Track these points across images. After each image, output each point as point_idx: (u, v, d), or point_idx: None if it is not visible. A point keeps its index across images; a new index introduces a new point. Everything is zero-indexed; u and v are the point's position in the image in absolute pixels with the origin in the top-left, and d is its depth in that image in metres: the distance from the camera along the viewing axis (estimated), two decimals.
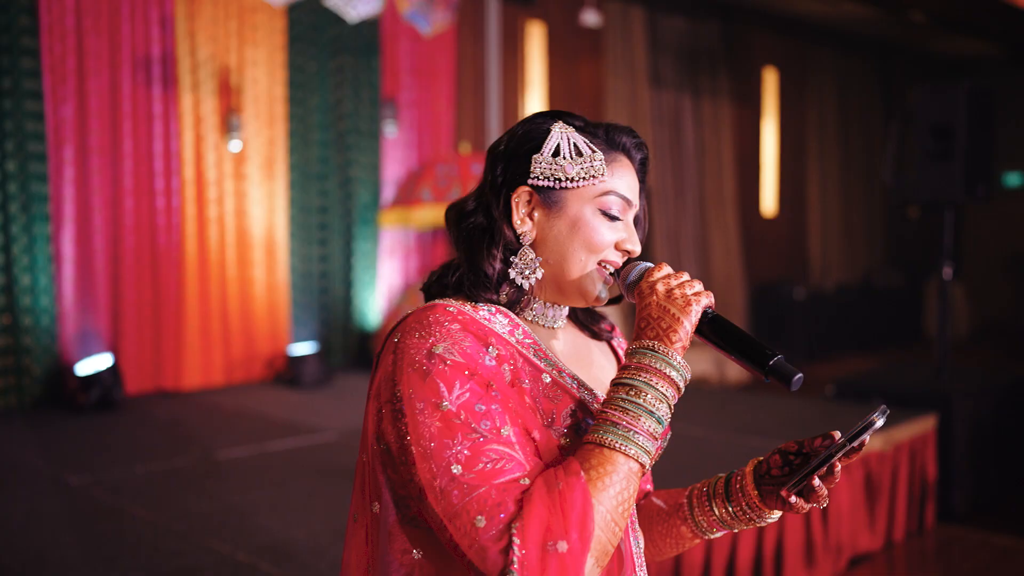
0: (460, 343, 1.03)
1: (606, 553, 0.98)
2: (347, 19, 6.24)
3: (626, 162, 1.16)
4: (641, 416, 1.00)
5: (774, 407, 5.46)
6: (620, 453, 0.98)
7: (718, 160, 9.82)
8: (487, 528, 0.93)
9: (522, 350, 1.09)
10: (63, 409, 5.17)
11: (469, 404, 0.99)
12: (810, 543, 4.08)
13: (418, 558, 1.06)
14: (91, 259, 5.45)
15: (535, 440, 1.03)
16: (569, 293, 1.14)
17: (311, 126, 6.38)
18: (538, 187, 1.12)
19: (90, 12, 5.34)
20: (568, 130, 1.14)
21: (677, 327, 1.04)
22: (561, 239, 1.12)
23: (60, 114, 5.28)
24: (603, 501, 0.96)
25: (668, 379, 1.02)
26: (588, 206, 1.12)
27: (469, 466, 0.96)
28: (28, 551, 2.95)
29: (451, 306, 1.08)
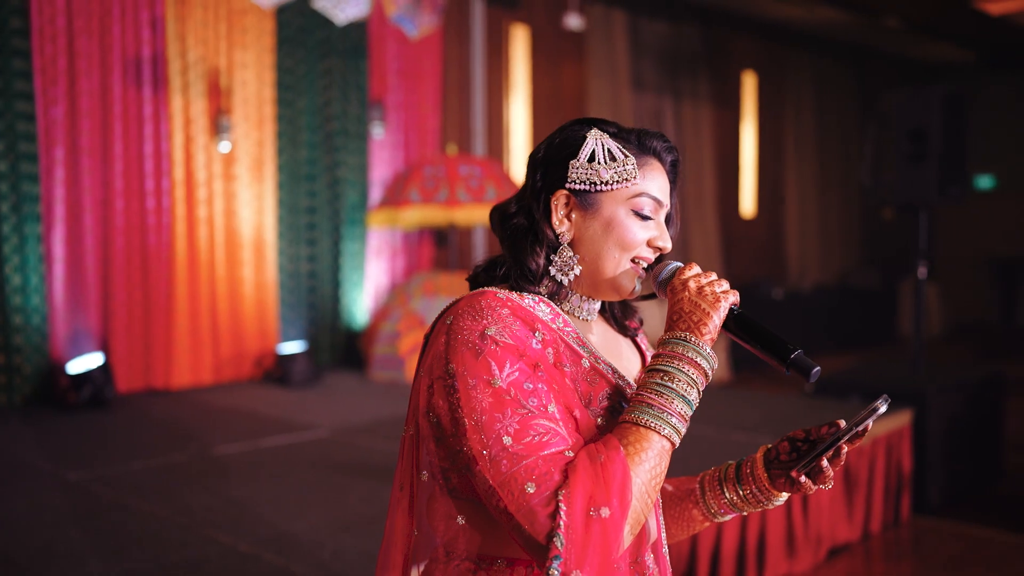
0: (510, 326, 1.12)
1: (639, 522, 1.07)
2: (335, 22, 6.32)
3: (657, 165, 1.25)
4: (674, 399, 1.10)
5: (755, 403, 5.60)
6: (654, 432, 1.09)
7: (698, 162, 9.97)
8: (536, 494, 1.02)
9: (564, 336, 1.18)
10: (54, 407, 5.22)
11: (518, 382, 1.08)
12: (791, 534, 4.21)
13: (462, 524, 1.15)
14: (82, 259, 5.50)
15: (576, 418, 1.12)
16: (604, 288, 1.23)
17: (300, 127, 6.44)
18: (575, 190, 1.22)
19: (81, 14, 5.39)
20: (602, 136, 1.22)
21: (707, 320, 1.14)
22: (597, 238, 1.21)
23: (51, 115, 5.32)
24: (639, 474, 1.06)
25: (698, 367, 1.12)
26: (622, 207, 1.21)
27: (518, 438, 1.05)
28: (34, 544, 3.01)
29: (501, 293, 1.16)
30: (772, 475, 1.25)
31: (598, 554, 1.01)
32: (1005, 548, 4.56)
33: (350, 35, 6.62)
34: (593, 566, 1.01)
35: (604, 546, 1.01)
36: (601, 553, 1.01)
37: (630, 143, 1.25)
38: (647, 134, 1.26)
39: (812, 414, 4.92)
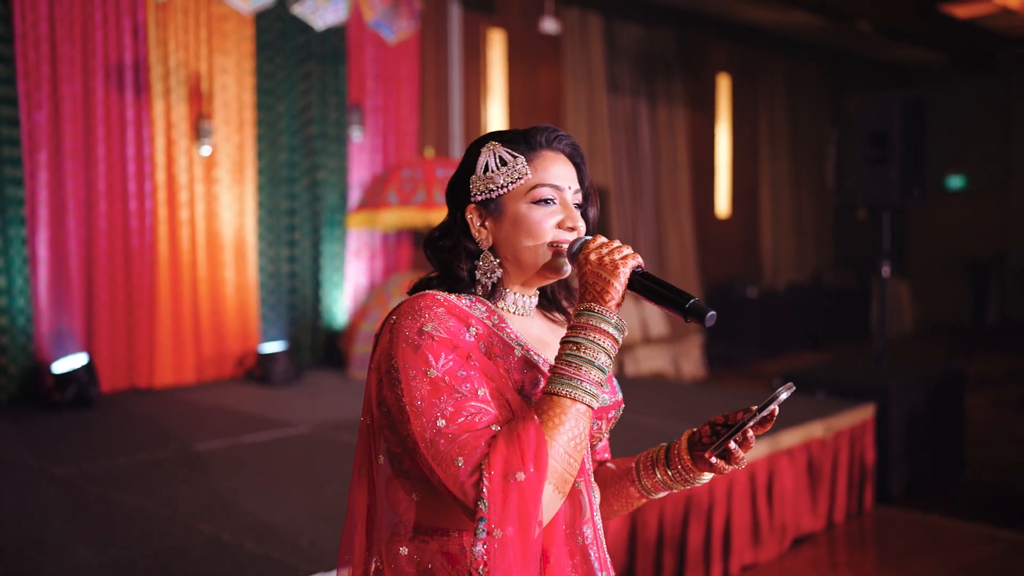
0: (445, 323, 1.25)
1: (565, 481, 1.20)
2: (314, 27, 6.44)
3: (550, 155, 1.36)
4: (583, 366, 1.22)
5: (723, 399, 5.76)
6: (567, 399, 1.21)
7: (673, 163, 10.14)
8: (464, 466, 1.17)
9: (497, 331, 1.32)
10: (40, 406, 5.32)
11: (452, 371, 1.22)
12: (756, 524, 4.37)
13: (416, 500, 1.31)
14: (66, 261, 5.59)
15: (509, 402, 1.26)
16: (532, 277, 1.37)
17: (279, 131, 6.56)
18: (480, 201, 1.35)
19: (64, 20, 5.49)
20: (494, 147, 1.35)
21: (609, 288, 1.25)
22: (511, 237, 1.34)
23: (34, 119, 5.42)
24: (556, 438, 1.19)
25: (605, 333, 1.25)
26: (523, 203, 1.33)
27: (452, 419, 1.19)
28: (23, 536, 3.13)
29: (438, 294, 1.30)
30: (695, 457, 1.39)
31: (517, 513, 1.15)
32: (961, 536, 4.74)
33: (328, 40, 6.74)
34: (514, 524, 1.15)
35: (522, 506, 1.15)
36: (520, 512, 1.15)
37: (518, 144, 1.36)
38: (534, 130, 1.38)
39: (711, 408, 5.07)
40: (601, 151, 9.26)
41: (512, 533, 1.16)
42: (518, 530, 1.16)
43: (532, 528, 1.16)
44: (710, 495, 4.06)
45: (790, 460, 4.55)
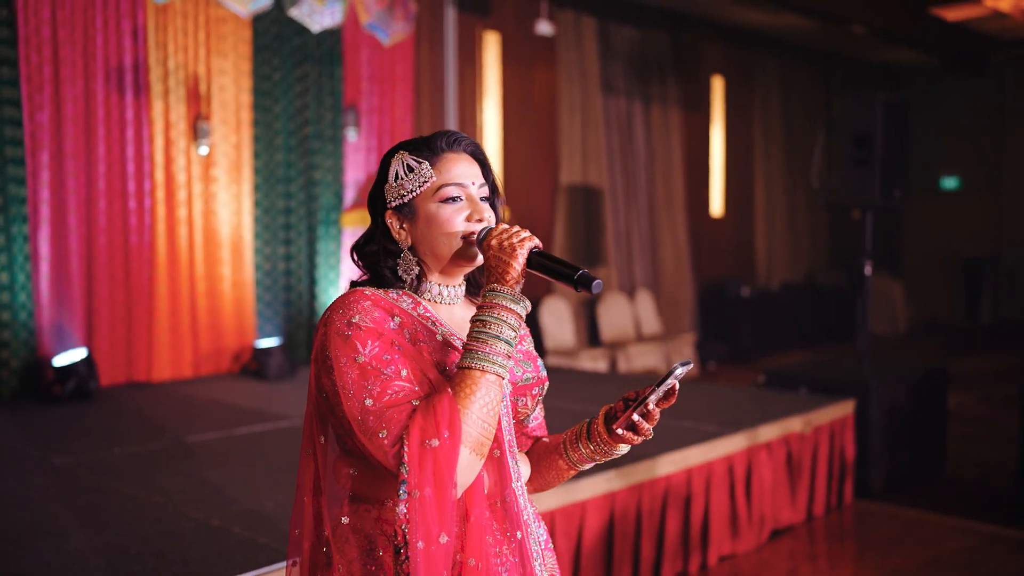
0: (371, 314, 1.40)
1: (481, 444, 1.33)
2: (310, 29, 6.57)
3: (452, 156, 1.49)
4: (490, 341, 1.35)
5: (710, 395, 5.87)
6: (478, 370, 1.34)
7: (667, 164, 10.26)
8: (387, 437, 1.32)
9: (420, 320, 1.46)
10: (40, 400, 5.46)
11: (378, 356, 1.36)
12: (735, 515, 4.49)
13: (355, 474, 1.46)
14: (66, 258, 5.73)
15: (431, 380, 1.40)
16: (452, 267, 1.51)
17: (276, 132, 6.69)
18: (396, 207, 1.49)
19: (65, 24, 5.62)
20: (403, 155, 1.49)
21: (509, 269, 1.38)
22: (426, 235, 1.48)
23: (37, 120, 5.56)
24: (469, 407, 1.32)
25: (508, 310, 1.38)
26: (432, 203, 1.47)
27: (378, 399, 1.34)
28: (21, 520, 3.26)
29: (367, 290, 1.45)
30: (611, 430, 1.53)
31: (433, 475, 1.29)
32: (939, 529, 4.86)
33: (325, 42, 6.87)
34: (431, 484, 1.29)
35: (437, 468, 1.29)
36: (435, 474, 1.29)
37: (422, 151, 1.50)
38: (436, 136, 1.52)
39: (758, 404, 5.20)
40: (595, 152, 9.38)
41: (430, 493, 1.30)
42: (435, 490, 1.30)
43: (448, 489, 1.30)
44: (688, 486, 4.19)
45: (769, 454, 4.68)
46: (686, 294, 10.44)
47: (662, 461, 4.05)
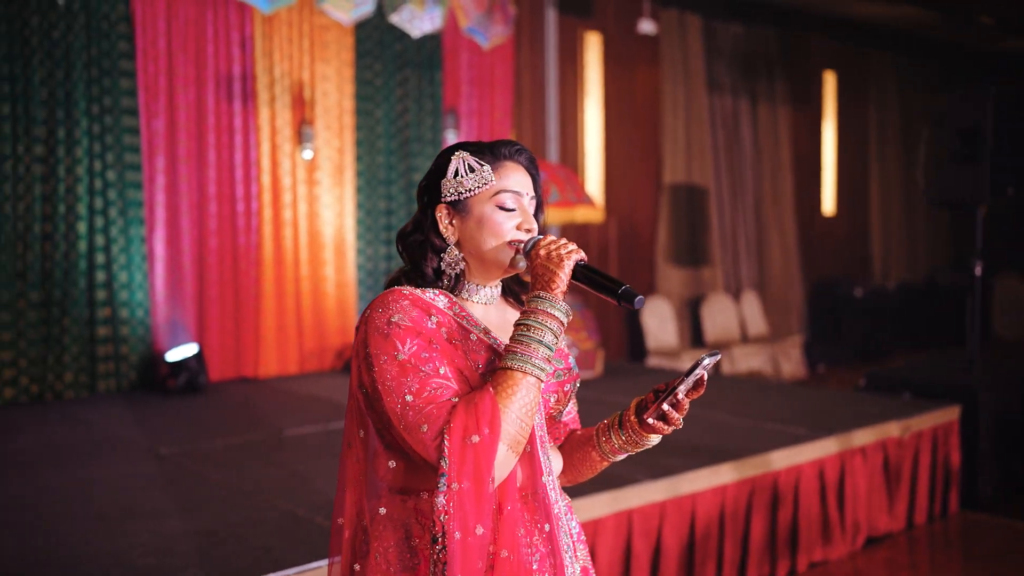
0: (409, 313, 1.45)
1: (518, 442, 1.38)
2: (411, 35, 6.73)
3: (511, 164, 1.54)
4: (532, 344, 1.40)
5: (805, 398, 5.74)
6: (519, 372, 1.39)
7: (775, 162, 10.04)
8: (428, 432, 1.37)
9: (456, 319, 1.50)
10: (155, 392, 5.78)
11: (417, 354, 1.41)
12: (826, 521, 4.38)
13: (394, 467, 1.50)
14: (179, 258, 6.05)
15: (466, 378, 1.45)
16: (492, 269, 1.55)
17: (377, 135, 6.88)
18: (450, 202, 1.53)
19: (179, 36, 5.94)
20: (463, 154, 1.53)
21: (555, 278, 1.43)
22: (474, 235, 1.52)
23: (153, 128, 5.89)
24: (509, 406, 1.37)
25: (552, 316, 1.43)
26: (487, 205, 1.51)
27: (418, 394, 1.39)
28: (125, 504, 3.48)
29: (405, 289, 1.50)
30: (641, 420, 1.54)
31: (473, 469, 1.34)
32: None
33: (425, 47, 7.02)
34: (470, 478, 1.34)
35: (477, 463, 1.34)
36: (475, 468, 1.34)
37: (485, 154, 1.54)
38: (498, 143, 1.56)
39: (856, 407, 5.05)
40: (699, 151, 9.27)
41: (468, 487, 1.34)
42: (473, 484, 1.35)
43: (486, 482, 1.35)
44: (773, 489, 4.11)
45: (864, 459, 4.54)
46: (794, 295, 10.19)
47: (746, 464, 3.99)
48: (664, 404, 1.49)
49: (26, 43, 5.40)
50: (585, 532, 3.41)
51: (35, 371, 5.53)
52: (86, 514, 3.37)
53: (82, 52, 5.57)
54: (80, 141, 5.57)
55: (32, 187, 5.46)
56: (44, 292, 5.55)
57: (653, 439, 1.56)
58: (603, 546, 3.51)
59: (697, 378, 1.47)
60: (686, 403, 1.50)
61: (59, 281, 5.57)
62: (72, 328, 5.62)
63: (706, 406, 5.23)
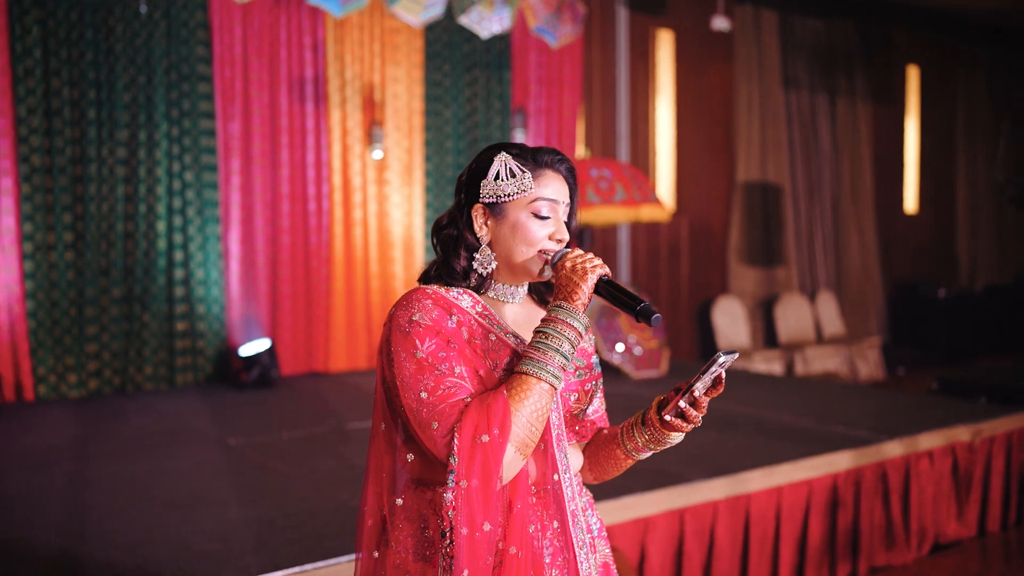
0: (431, 313, 1.49)
1: (526, 445, 1.41)
2: (480, 36, 6.80)
3: (551, 173, 1.56)
4: (549, 352, 1.43)
5: (874, 400, 5.62)
6: (534, 378, 1.43)
7: (855, 159, 9.82)
8: (439, 429, 1.41)
9: (477, 318, 1.53)
10: (229, 385, 5.98)
11: (434, 352, 1.45)
12: (889, 525, 4.29)
13: (411, 460, 1.56)
14: (253, 256, 6.24)
15: (482, 377, 1.49)
16: (520, 274, 1.58)
17: (446, 135, 6.98)
18: (487, 203, 1.55)
19: (254, 41, 6.13)
20: (506, 158, 1.55)
21: (577, 290, 1.47)
22: (507, 238, 1.55)
23: (228, 130, 6.09)
24: (519, 409, 1.40)
25: (570, 326, 1.46)
26: (523, 212, 1.54)
27: (432, 392, 1.43)
28: (193, 491, 3.63)
29: (429, 288, 1.54)
30: (662, 419, 1.56)
31: (481, 468, 1.38)
32: None
33: (493, 48, 7.09)
34: (478, 476, 1.38)
35: (485, 462, 1.38)
36: (483, 467, 1.38)
37: (527, 160, 1.56)
38: (541, 151, 1.58)
39: (927, 411, 4.94)
40: (774, 148, 9.13)
41: (476, 484, 1.38)
42: (481, 482, 1.38)
43: (493, 482, 1.39)
44: (832, 492, 4.05)
45: (931, 463, 4.43)
46: (874, 295, 9.95)
47: (802, 465, 3.94)
48: (682, 402, 1.51)
49: (110, 51, 5.64)
50: (635, 529, 3.44)
51: (117, 363, 5.79)
52: (157, 500, 3.53)
53: (162, 58, 5.80)
54: (160, 143, 5.81)
55: (115, 188, 5.71)
56: (126, 288, 5.80)
57: (675, 437, 1.58)
58: (654, 544, 3.52)
59: (715, 376, 1.48)
60: (704, 401, 1.51)
61: (140, 278, 5.81)
62: (152, 323, 5.86)
63: (768, 406, 5.18)
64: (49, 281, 5.56)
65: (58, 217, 5.54)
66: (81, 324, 5.66)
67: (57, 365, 5.61)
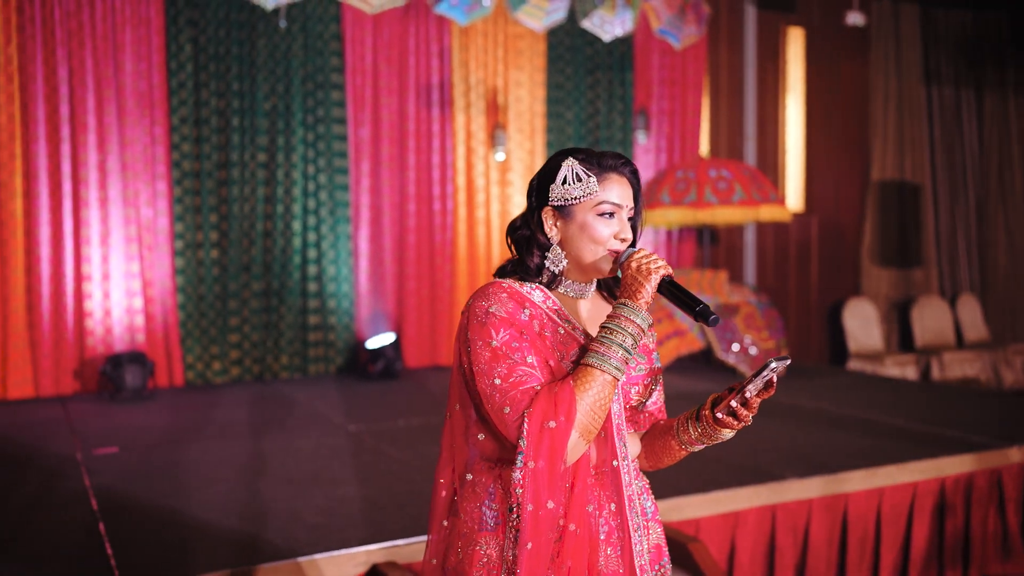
0: (505, 305, 1.59)
1: (589, 431, 1.51)
2: (602, 39, 6.92)
3: (615, 176, 1.64)
4: (612, 346, 1.53)
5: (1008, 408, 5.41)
6: (597, 369, 1.52)
7: (1004, 156, 9.35)
8: (511, 414, 1.52)
9: (548, 312, 1.63)
10: (357, 376, 6.33)
11: (508, 342, 1.55)
12: (1005, 534, 4.17)
13: (483, 439, 1.68)
14: (381, 254, 6.58)
15: (552, 367, 1.60)
16: (589, 271, 1.69)
17: (567, 137, 7.13)
18: (556, 206, 1.65)
19: (384, 50, 6.46)
20: (573, 163, 1.64)
21: (641, 289, 1.56)
22: (576, 238, 1.64)
23: (359, 135, 6.45)
24: (583, 398, 1.50)
25: (633, 323, 1.55)
26: (590, 213, 1.62)
27: (505, 379, 1.53)
28: (310, 471, 3.93)
29: (504, 282, 1.64)
30: (715, 415, 1.64)
31: (548, 451, 1.49)
32: None
33: (616, 50, 7.19)
34: (545, 458, 1.49)
35: (551, 446, 1.49)
36: (549, 450, 1.49)
37: (592, 164, 1.64)
38: (606, 155, 1.66)
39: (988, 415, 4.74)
40: (913, 145, 8.83)
41: (543, 466, 1.50)
42: (547, 464, 1.50)
43: (558, 464, 1.50)
44: (938, 496, 3.97)
45: None
46: (1022, 299, 9.44)
47: (907, 468, 3.88)
48: (733, 401, 1.60)
49: (253, 63, 6.09)
50: (725, 523, 3.50)
51: (256, 353, 6.23)
52: (279, 476, 3.85)
53: (299, 69, 6.20)
54: (296, 148, 6.21)
55: (256, 190, 6.15)
56: (265, 283, 6.24)
57: (725, 433, 1.66)
58: (744, 539, 3.57)
59: (766, 380, 1.56)
60: (756, 402, 1.59)
61: (277, 273, 6.24)
62: (287, 316, 6.28)
63: (884, 409, 5.10)
64: (197, 277, 6.05)
65: (205, 217, 6.03)
66: (225, 316, 6.13)
67: (203, 354, 6.09)
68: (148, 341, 5.92)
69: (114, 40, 5.75)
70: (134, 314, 5.89)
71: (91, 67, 5.70)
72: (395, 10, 6.43)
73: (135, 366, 5.59)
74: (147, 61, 5.84)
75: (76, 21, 5.65)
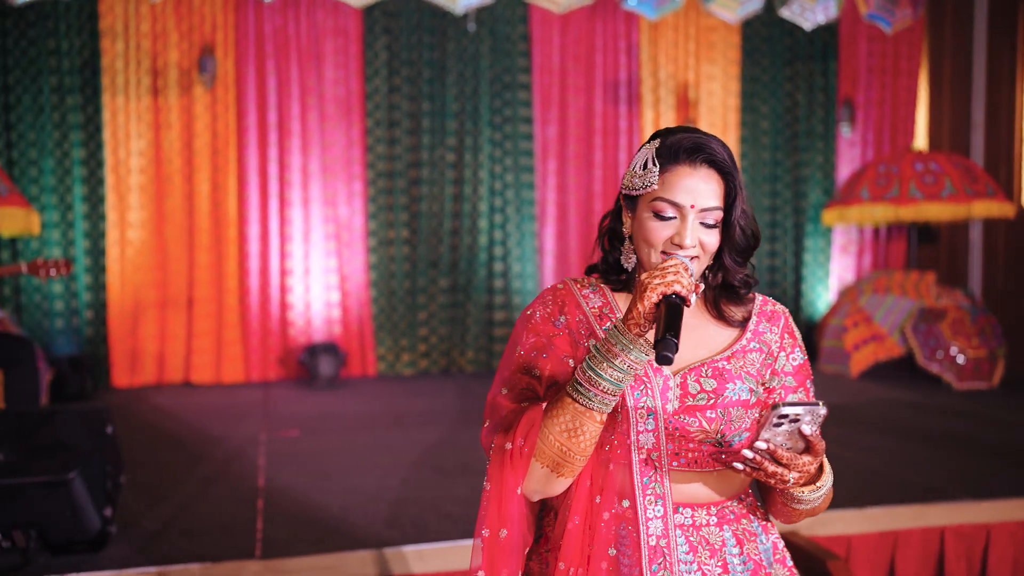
0: (545, 309, 1.44)
1: (558, 464, 1.31)
2: (803, 27, 6.58)
3: (683, 170, 1.34)
4: (588, 372, 1.29)
5: None
6: (570, 399, 1.30)
7: None
8: (488, 427, 1.40)
9: (592, 320, 1.43)
10: None
11: (529, 352, 1.41)
12: None
13: None
14: (567, 252, 6.61)
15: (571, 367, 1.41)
16: None
17: (762, 131, 6.83)
18: (625, 195, 1.43)
19: (571, 49, 6.49)
20: (651, 147, 1.39)
21: (634, 308, 1.27)
22: (637, 234, 1.40)
23: (545, 134, 6.51)
24: (548, 427, 1.30)
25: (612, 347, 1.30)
26: (647, 210, 1.37)
27: (510, 387, 1.41)
28: (459, 462, 4.03)
29: (561, 284, 1.49)
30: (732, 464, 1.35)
31: (499, 474, 1.34)
32: None
33: (818, 38, 6.81)
34: (495, 482, 1.35)
35: (502, 470, 1.34)
36: (500, 474, 1.34)
37: (665, 151, 1.37)
38: (681, 143, 1.37)
39: None
40: None
41: (491, 489, 1.35)
42: (495, 488, 1.35)
43: (507, 490, 1.33)
44: None
45: None
46: None
47: None
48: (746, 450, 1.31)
49: (443, 66, 6.31)
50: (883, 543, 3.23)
51: (443, 347, 6.45)
52: (431, 464, 3.97)
53: (487, 70, 6.35)
54: (483, 148, 6.37)
55: (444, 189, 6.37)
56: (452, 279, 6.44)
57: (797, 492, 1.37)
58: (905, 561, 3.27)
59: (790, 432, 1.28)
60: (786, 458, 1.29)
61: (464, 270, 6.42)
62: (473, 311, 6.45)
63: None
64: (388, 272, 6.35)
65: (396, 215, 6.31)
66: (414, 311, 6.38)
67: (394, 346, 6.38)
68: (344, 333, 6.28)
69: (316, 51, 6.15)
70: (331, 307, 6.27)
71: (296, 76, 6.12)
72: (582, 8, 6.43)
73: (329, 356, 5.95)
74: (345, 68, 6.20)
75: (284, 35, 6.09)
